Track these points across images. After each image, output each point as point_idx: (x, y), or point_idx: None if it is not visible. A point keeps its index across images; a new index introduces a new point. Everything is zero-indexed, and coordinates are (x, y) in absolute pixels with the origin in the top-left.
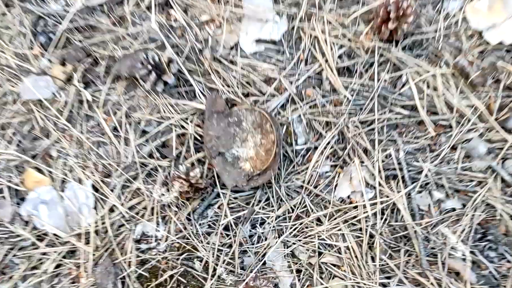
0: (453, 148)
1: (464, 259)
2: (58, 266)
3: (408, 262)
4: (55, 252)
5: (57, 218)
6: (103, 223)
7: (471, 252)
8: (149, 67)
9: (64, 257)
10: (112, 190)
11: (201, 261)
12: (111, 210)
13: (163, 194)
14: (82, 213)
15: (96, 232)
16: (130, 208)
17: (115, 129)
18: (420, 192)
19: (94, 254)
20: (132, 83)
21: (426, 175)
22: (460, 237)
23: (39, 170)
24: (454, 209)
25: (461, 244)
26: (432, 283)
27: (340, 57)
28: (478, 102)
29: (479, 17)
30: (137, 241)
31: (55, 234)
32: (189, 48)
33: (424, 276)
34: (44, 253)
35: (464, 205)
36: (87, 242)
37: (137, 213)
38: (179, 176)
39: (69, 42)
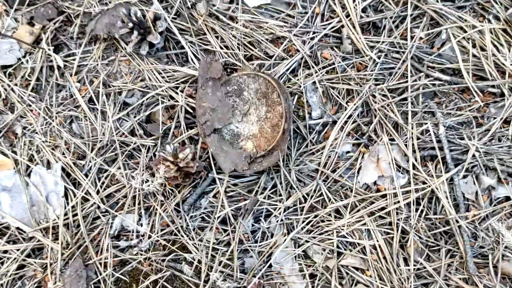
0: (506, 121)
1: None
2: (21, 267)
3: (451, 265)
4: (17, 250)
5: (21, 208)
6: (74, 215)
7: None
8: (130, 25)
9: (28, 256)
10: (86, 175)
11: (192, 263)
12: (85, 199)
13: (147, 181)
14: (50, 202)
15: (66, 226)
16: (107, 197)
17: (90, 100)
18: (465, 177)
19: (63, 253)
20: (112, 45)
21: (473, 156)
22: None
23: (1, 151)
24: (508, 198)
25: None
26: None
27: (364, 10)
28: None
29: None
30: (115, 238)
31: (18, 228)
32: (180, 2)
33: (471, 283)
34: (5, 251)
35: None
36: (56, 239)
37: (115, 203)
38: (165, 158)
39: None
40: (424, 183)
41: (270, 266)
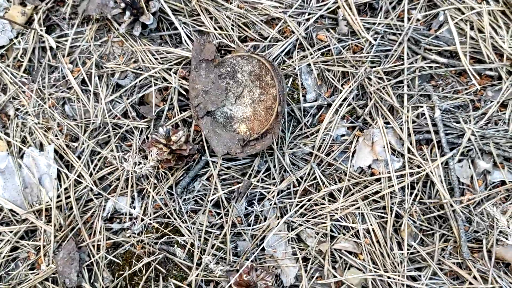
0: (503, 105)
1: None
2: (14, 249)
3: (444, 250)
4: (10, 231)
5: (14, 190)
6: (67, 198)
7: None
8: (123, 5)
9: (21, 238)
10: (78, 157)
11: (184, 246)
12: (78, 181)
13: (140, 163)
14: (43, 184)
15: (59, 208)
16: (100, 180)
17: (83, 82)
18: (460, 161)
19: (56, 235)
20: (104, 26)
21: (468, 139)
22: (511, 219)
23: None
24: (503, 183)
25: None
26: (474, 277)
27: None
28: None
29: None
30: (108, 220)
31: (11, 210)
32: None
33: (464, 268)
34: None
35: None
36: (49, 221)
37: (108, 186)
38: (158, 140)
39: None
40: (419, 167)
41: (263, 249)
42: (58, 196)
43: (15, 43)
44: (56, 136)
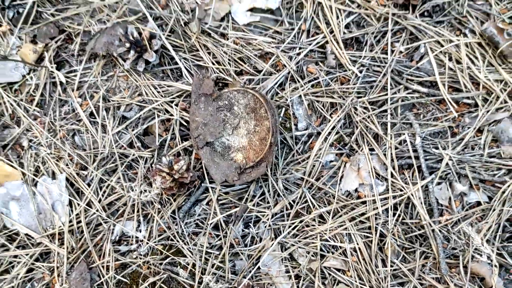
0: (479, 131)
1: (490, 263)
2: (30, 270)
3: (425, 266)
4: (27, 254)
5: (29, 216)
6: (78, 222)
7: (498, 254)
8: (128, 45)
9: (36, 260)
10: (88, 185)
11: (186, 267)
12: (88, 207)
13: (145, 191)
14: (56, 210)
15: (71, 232)
16: (109, 205)
17: (91, 114)
18: (439, 184)
19: (68, 257)
20: (110, 62)
21: (446, 164)
22: (485, 237)
23: (9, 163)
24: (479, 203)
25: (486, 245)
26: None
27: (347, 26)
28: (508, 76)
29: None
30: (116, 243)
31: (27, 234)
32: (174, 20)
33: (443, 282)
34: (15, 256)
35: (490, 198)
36: (62, 244)
37: (116, 211)
38: (161, 169)
39: (40, 17)
40: (401, 190)
41: (259, 268)
42: (70, 221)
43: (28, 79)
44: (67, 165)
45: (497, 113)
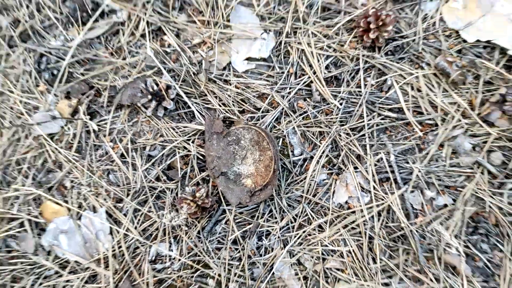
0: (441, 145)
1: (459, 254)
2: None
3: (407, 260)
4: (77, 278)
5: (77, 246)
6: (119, 247)
7: (465, 246)
8: (149, 96)
9: (86, 282)
10: (125, 215)
11: (213, 277)
12: (126, 234)
13: (173, 216)
14: (99, 239)
15: (114, 256)
16: (143, 231)
17: (122, 155)
18: (412, 192)
19: (114, 278)
20: (134, 110)
21: (417, 175)
22: (453, 233)
23: (56, 201)
24: (446, 205)
25: (454, 239)
26: (430, 279)
27: (327, 67)
28: (460, 99)
29: (455, 16)
30: (153, 262)
31: (76, 261)
32: (184, 72)
33: (423, 273)
34: (67, 280)
35: (454, 201)
36: (107, 267)
37: (150, 235)
38: (186, 198)
39: (71, 76)
40: (382, 199)
41: (273, 273)
42: (112, 247)
43: (65, 130)
44: (105, 199)
45: (454, 130)
